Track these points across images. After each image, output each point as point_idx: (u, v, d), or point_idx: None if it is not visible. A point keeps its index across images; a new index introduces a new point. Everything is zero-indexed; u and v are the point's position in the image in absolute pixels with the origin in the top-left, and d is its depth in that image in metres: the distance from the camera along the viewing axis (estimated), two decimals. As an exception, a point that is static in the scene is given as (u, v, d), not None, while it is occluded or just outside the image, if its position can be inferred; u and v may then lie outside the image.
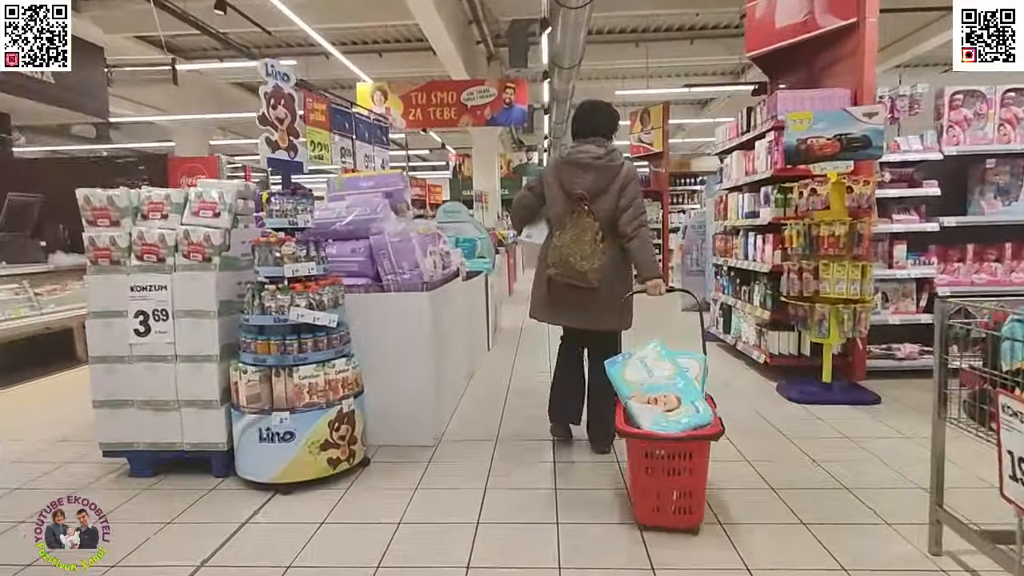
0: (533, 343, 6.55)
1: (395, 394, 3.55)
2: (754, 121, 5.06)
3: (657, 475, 2.41)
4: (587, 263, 3.01)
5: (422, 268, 3.64)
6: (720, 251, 5.85)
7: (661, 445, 2.40)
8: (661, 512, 2.44)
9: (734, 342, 5.47)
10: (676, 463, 2.39)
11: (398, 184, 3.99)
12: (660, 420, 2.43)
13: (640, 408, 2.50)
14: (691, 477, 2.40)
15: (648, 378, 2.64)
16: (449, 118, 10.68)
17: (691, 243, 8.36)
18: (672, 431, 2.39)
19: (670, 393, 2.55)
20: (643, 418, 2.46)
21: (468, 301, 5.11)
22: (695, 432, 2.40)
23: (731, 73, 14.79)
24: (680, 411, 2.46)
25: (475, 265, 6.20)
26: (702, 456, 2.41)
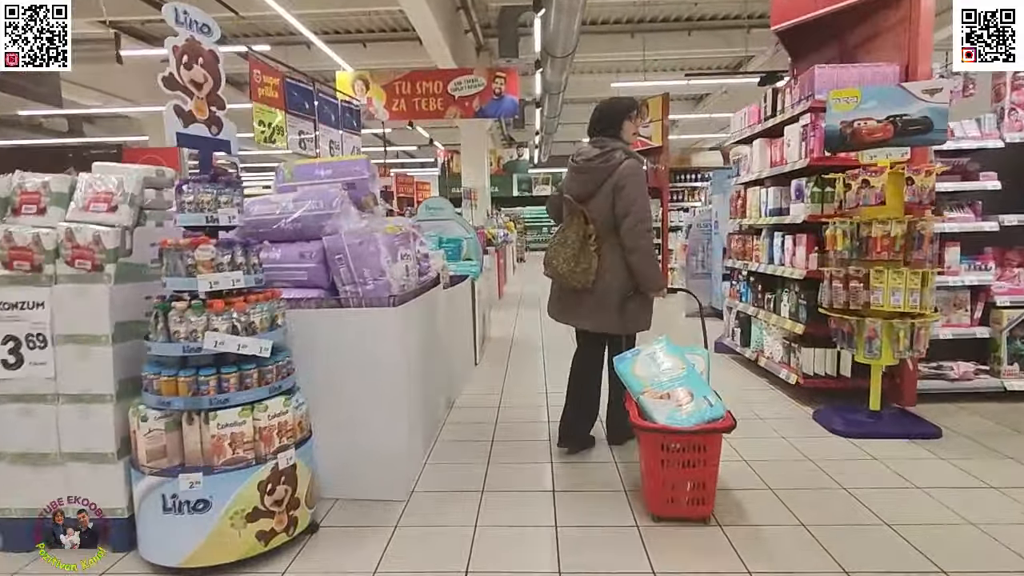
0: (526, 355, 5.79)
1: (355, 436, 2.78)
2: (781, 104, 4.33)
3: (672, 467, 2.47)
4: (566, 266, 2.98)
5: (389, 276, 2.87)
6: (737, 253, 5.12)
7: (676, 439, 2.45)
8: (675, 503, 2.50)
9: (755, 356, 4.75)
10: (690, 455, 2.46)
11: (362, 172, 3.22)
12: (674, 414, 2.48)
13: (653, 403, 2.55)
14: (705, 468, 2.47)
15: (658, 373, 2.67)
16: (435, 109, 9.89)
17: (696, 243, 7.64)
18: (687, 424, 2.45)
19: (682, 387, 2.58)
20: (657, 413, 2.51)
21: (451, 312, 4.35)
22: (709, 425, 2.46)
23: (729, 67, 14.10)
24: (693, 405, 2.51)
25: (460, 268, 5.45)
26: (715, 448, 2.49)
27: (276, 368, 2.39)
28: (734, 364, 5.20)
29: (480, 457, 3.32)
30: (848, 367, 3.93)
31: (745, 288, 4.98)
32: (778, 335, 4.43)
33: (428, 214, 5.96)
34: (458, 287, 4.75)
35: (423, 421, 3.38)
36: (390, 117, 9.97)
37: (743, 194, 5.03)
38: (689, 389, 2.56)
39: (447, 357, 4.10)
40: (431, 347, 3.61)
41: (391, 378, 2.78)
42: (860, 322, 3.46)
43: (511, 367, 5.36)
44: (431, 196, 18.97)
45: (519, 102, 10.16)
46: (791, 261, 4.16)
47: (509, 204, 24.17)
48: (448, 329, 4.19)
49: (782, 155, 4.29)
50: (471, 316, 5.29)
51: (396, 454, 2.83)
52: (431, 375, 3.61)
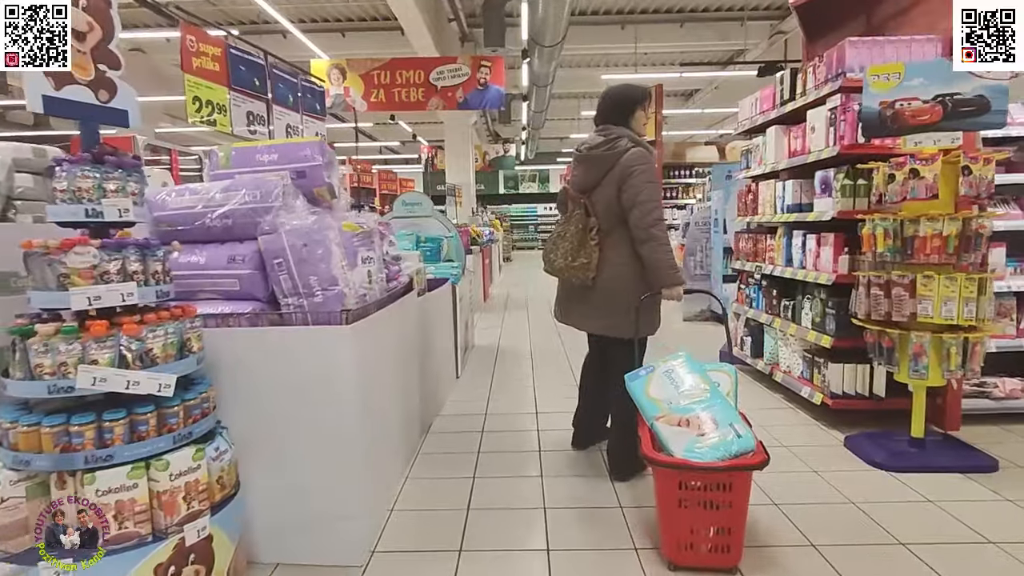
0: (513, 366, 5.23)
1: (300, 486, 2.20)
2: (802, 85, 3.80)
3: (692, 508, 2.08)
4: (563, 260, 2.77)
5: (343, 285, 2.29)
6: (747, 254, 4.59)
7: (697, 476, 2.05)
8: (694, 550, 2.12)
9: (769, 370, 4.22)
10: (714, 495, 2.05)
11: (315, 158, 2.63)
12: (694, 446, 2.09)
13: (670, 431, 2.16)
14: (731, 511, 2.06)
15: (676, 395, 2.26)
16: (416, 100, 9.28)
17: (694, 243, 7.12)
18: (709, 459, 2.05)
19: (704, 413, 2.18)
20: (674, 443, 2.12)
21: (427, 321, 3.78)
22: (737, 461, 2.04)
23: (722, 62, 13.62)
24: (717, 435, 2.11)
25: (440, 271, 4.87)
26: (743, 487, 2.07)
27: (184, 409, 1.80)
28: (746, 379, 4.67)
29: (459, 499, 2.74)
30: (882, 385, 3.41)
31: (756, 293, 4.45)
32: (797, 347, 3.90)
33: (404, 210, 5.37)
34: (436, 292, 4.18)
35: (389, 459, 2.80)
36: (368, 108, 9.34)
37: (754, 189, 4.49)
38: (713, 415, 2.16)
39: (422, 374, 3.52)
40: (401, 366, 3.03)
41: (345, 413, 2.20)
42: (904, 336, 2.94)
43: (496, 381, 4.79)
44: (415, 193, 18.37)
45: (505, 94, 9.57)
46: (815, 264, 3.63)
47: (495, 202, 23.59)
48: (424, 342, 3.62)
49: (803, 144, 3.76)
50: (451, 324, 4.71)
51: (351, 507, 2.25)
52: (400, 400, 3.03)
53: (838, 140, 3.36)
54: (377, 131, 19.10)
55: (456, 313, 4.77)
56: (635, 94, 2.81)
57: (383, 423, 2.68)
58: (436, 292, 4.18)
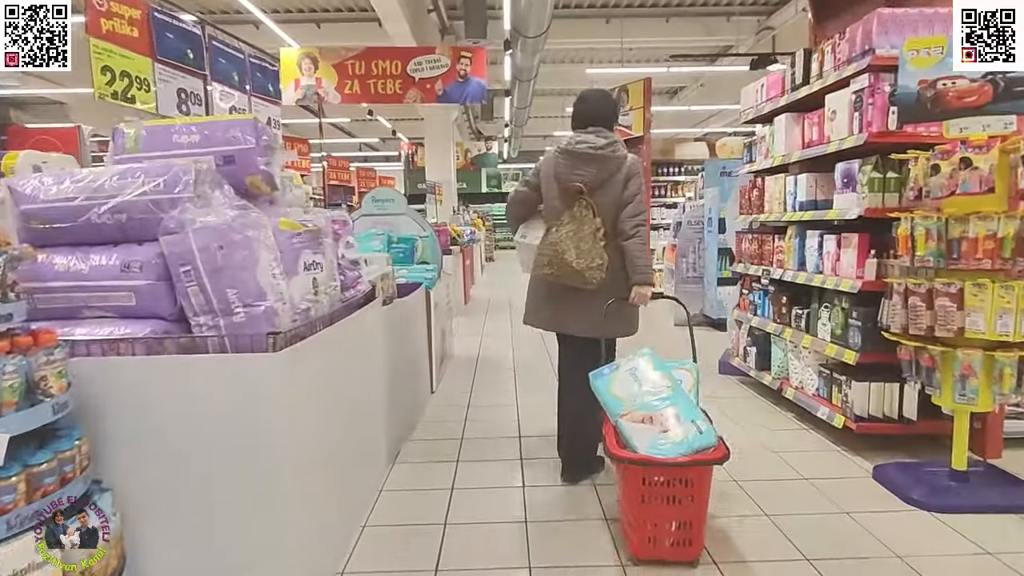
0: (495, 378, 4.73)
1: (215, 559, 1.69)
2: (818, 67, 3.36)
3: (654, 504, 2.08)
4: (584, 261, 2.61)
5: (273, 299, 1.78)
6: (750, 256, 4.14)
7: (660, 471, 2.05)
8: (657, 544, 2.11)
9: (778, 385, 3.77)
10: (675, 490, 2.06)
11: (246, 139, 2.10)
12: (657, 442, 2.08)
13: (633, 428, 2.14)
14: (692, 505, 2.08)
15: (640, 392, 2.24)
16: (393, 92, 8.73)
17: (686, 243, 6.67)
18: (672, 455, 2.05)
19: (666, 410, 2.17)
20: (638, 439, 2.11)
21: (395, 333, 3.27)
22: (698, 456, 2.06)
23: (710, 55, 13.24)
24: (680, 431, 2.10)
25: (414, 274, 4.36)
26: (704, 482, 2.09)
27: (27, 479, 1.28)
28: (747, 391, 4.23)
29: (426, 555, 2.24)
30: (913, 406, 2.97)
31: (762, 299, 4.01)
32: (812, 361, 3.46)
33: (374, 207, 4.85)
34: (408, 299, 3.67)
35: (341, 508, 2.29)
36: (342, 100, 8.77)
37: (759, 184, 4.04)
38: (676, 411, 2.17)
39: (390, 395, 3.01)
40: (358, 391, 2.52)
41: (275, 466, 1.69)
42: (949, 354, 2.49)
43: (476, 395, 4.29)
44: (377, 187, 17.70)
45: (487, 88, 9.06)
46: (834, 268, 3.19)
47: (478, 201, 23.02)
48: (391, 357, 3.11)
49: (821, 132, 3.31)
50: (426, 333, 4.20)
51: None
52: (358, 432, 2.52)
53: (865, 127, 2.91)
54: (356, 128, 18.47)
55: (431, 321, 4.26)
56: (614, 102, 3.00)
57: (333, 467, 2.17)
58: (407, 299, 3.67)
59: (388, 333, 3.08)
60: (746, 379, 4.37)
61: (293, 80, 8.72)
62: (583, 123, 2.80)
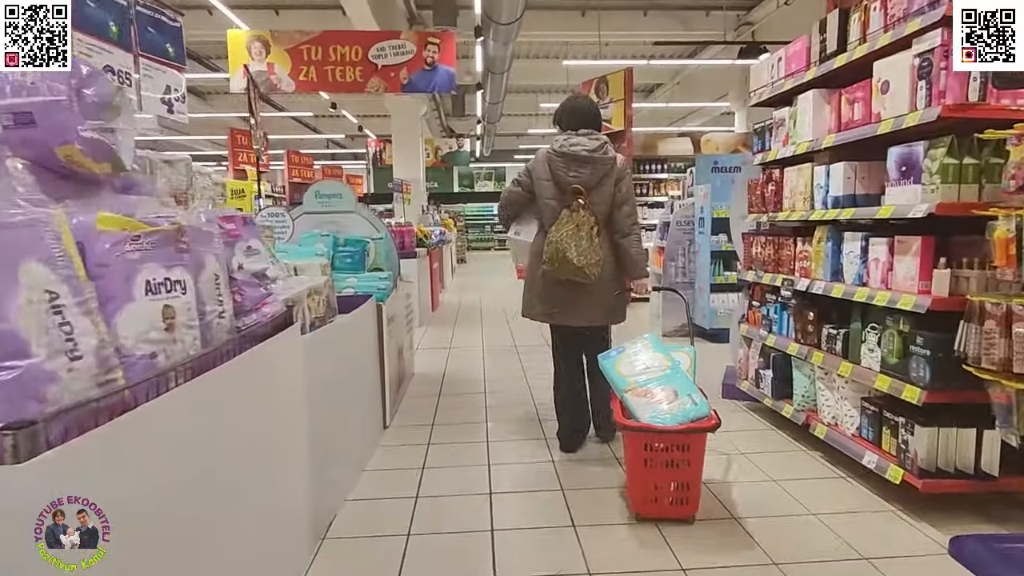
0: (463, 404, 3.96)
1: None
2: (859, 30, 2.66)
3: (655, 467, 2.33)
4: (584, 258, 2.78)
5: (40, 355, 0.98)
6: (764, 262, 3.45)
7: (660, 438, 2.32)
8: (658, 503, 2.35)
9: (803, 420, 3.08)
10: (674, 455, 2.31)
11: (54, 89, 1.31)
12: (658, 413, 2.35)
13: (637, 401, 2.41)
14: (689, 469, 2.32)
15: (643, 371, 2.54)
16: (353, 80, 7.87)
17: (675, 246, 5.98)
18: (671, 424, 2.31)
19: (667, 386, 2.45)
20: (641, 411, 2.37)
21: (327, 366, 2.48)
22: (693, 424, 2.32)
23: (696, 44, 12.64)
24: (677, 403, 2.38)
25: (363, 284, 3.57)
26: (699, 448, 2.35)
27: None
28: (760, 422, 3.54)
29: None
30: (994, 459, 2.29)
31: (779, 314, 3.32)
32: (850, 393, 2.77)
33: (318, 204, 4.03)
34: (352, 317, 2.88)
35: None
36: (297, 88, 7.88)
37: (776, 177, 3.35)
38: (674, 387, 2.44)
39: (312, 455, 2.21)
40: (250, 467, 1.72)
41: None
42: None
43: (438, 431, 3.52)
44: (365, 193, 16.68)
45: (455, 76, 8.27)
46: (885, 280, 2.49)
47: (450, 200, 22.21)
48: (320, 399, 2.31)
49: (867, 110, 2.61)
50: (376, 357, 3.41)
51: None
52: (253, 522, 1.72)
53: (935, 98, 2.22)
54: (322, 124, 17.46)
55: (383, 341, 3.47)
56: (598, 108, 3.15)
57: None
58: (351, 317, 2.88)
59: (316, 366, 2.28)
60: (756, 406, 3.68)
61: (242, 65, 7.79)
62: (573, 126, 2.96)
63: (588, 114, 3.00)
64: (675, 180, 8.60)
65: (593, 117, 3.02)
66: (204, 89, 15.27)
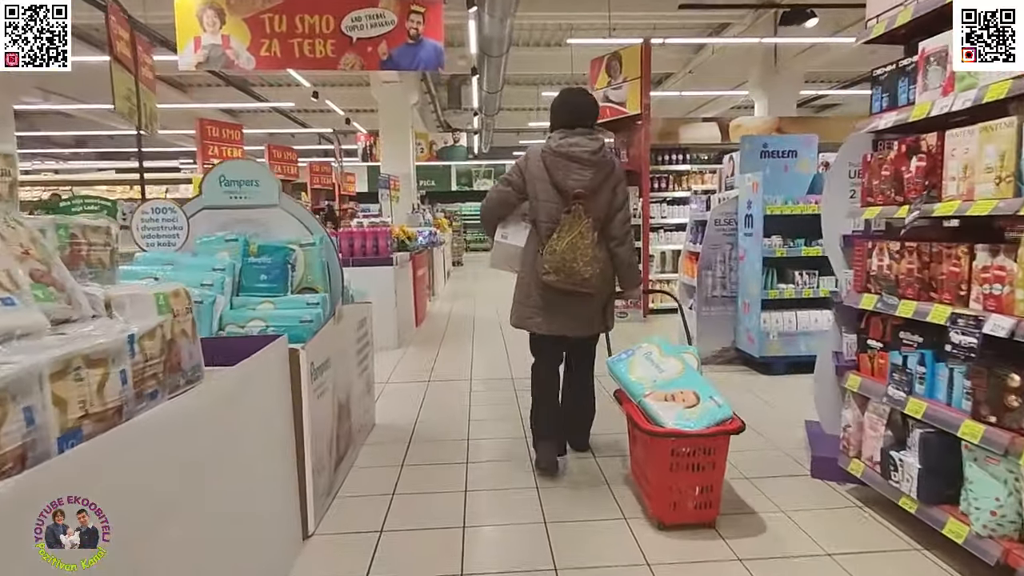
0: (433, 477, 2.66)
1: None
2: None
3: (680, 472, 2.23)
4: (589, 268, 2.57)
5: None
6: (902, 283, 2.15)
7: (689, 442, 2.22)
8: (680, 508, 2.27)
9: (1000, 553, 1.77)
10: (700, 459, 2.23)
11: None
12: (683, 417, 2.25)
13: (659, 406, 2.29)
14: (713, 472, 2.25)
15: (659, 374, 2.44)
16: (324, 55, 6.56)
17: (713, 251, 4.67)
18: (697, 427, 2.22)
19: (687, 388, 2.35)
20: (665, 415, 2.25)
21: (169, 480, 1.17)
22: (720, 427, 2.25)
23: (707, 33, 11.34)
24: (700, 407, 2.28)
25: (279, 314, 2.28)
26: (724, 450, 2.26)
27: None
28: (891, 536, 2.23)
29: None
30: None
31: (931, 366, 2.02)
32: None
33: (225, 195, 2.71)
34: (231, 378, 1.59)
35: None
36: (258, 65, 6.58)
37: (927, 147, 2.04)
38: (693, 389, 2.34)
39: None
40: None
41: None
42: None
43: (387, 542, 2.22)
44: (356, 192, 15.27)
45: (443, 52, 6.96)
46: None
47: (447, 199, 20.89)
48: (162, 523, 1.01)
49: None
50: (286, 430, 2.11)
51: None
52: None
53: None
54: (307, 117, 16.12)
55: (304, 407, 2.16)
56: (596, 102, 2.86)
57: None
58: (230, 378, 1.59)
59: (132, 478, 0.98)
60: (877, 498, 2.37)
61: (192, 38, 6.52)
62: (570, 123, 2.71)
63: (586, 110, 2.76)
64: (698, 172, 7.28)
65: (591, 114, 2.77)
66: (184, 81, 13.98)
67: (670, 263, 7.29)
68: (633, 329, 5.83)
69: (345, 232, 5.41)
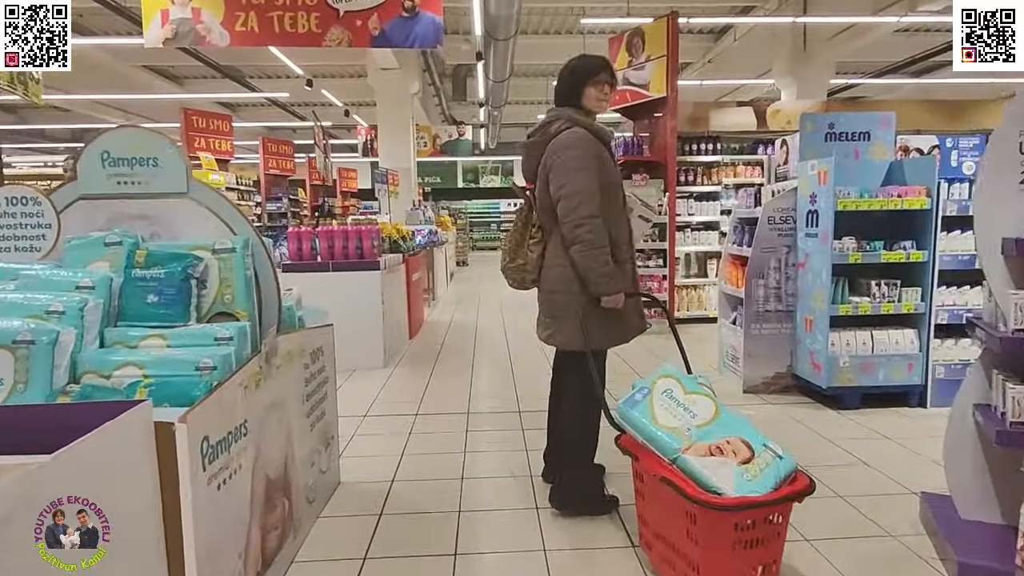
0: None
1: None
2: None
3: (740, 550, 1.65)
4: (504, 259, 2.38)
5: None
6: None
7: (760, 512, 1.64)
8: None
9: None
10: (763, 530, 1.66)
11: None
12: (743, 478, 1.64)
13: (704, 463, 1.68)
14: (778, 542, 1.72)
15: (692, 419, 1.83)
16: (308, 30, 5.73)
17: (766, 255, 3.79)
18: (762, 490, 1.63)
19: (732, 436, 1.76)
20: (719, 478, 1.64)
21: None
22: (790, 489, 1.68)
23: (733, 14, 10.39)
24: (758, 460, 1.70)
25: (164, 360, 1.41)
26: (788, 516, 1.73)
27: None
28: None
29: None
30: None
31: None
32: None
33: (113, 180, 1.85)
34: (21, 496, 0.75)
35: None
36: (233, 40, 5.76)
37: None
38: (739, 436, 1.76)
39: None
40: None
41: None
42: None
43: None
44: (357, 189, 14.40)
45: (442, 26, 6.11)
46: None
47: (454, 196, 20.08)
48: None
49: None
50: (150, 557, 1.27)
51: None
52: None
53: None
54: (310, 112, 15.28)
55: (182, 512, 1.33)
56: (587, 64, 2.27)
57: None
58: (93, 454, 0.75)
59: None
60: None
61: (159, 11, 5.70)
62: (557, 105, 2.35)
63: (558, 83, 2.31)
64: (730, 164, 6.38)
65: (562, 84, 2.28)
66: (178, 73, 13.20)
67: (695, 266, 6.41)
68: (655, 343, 4.94)
69: (324, 231, 4.56)
